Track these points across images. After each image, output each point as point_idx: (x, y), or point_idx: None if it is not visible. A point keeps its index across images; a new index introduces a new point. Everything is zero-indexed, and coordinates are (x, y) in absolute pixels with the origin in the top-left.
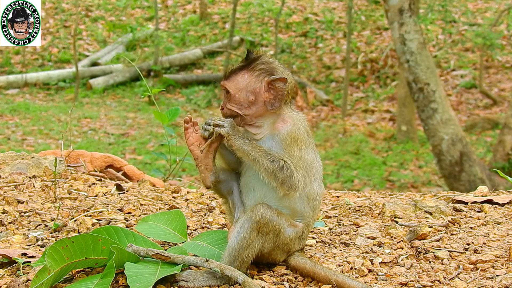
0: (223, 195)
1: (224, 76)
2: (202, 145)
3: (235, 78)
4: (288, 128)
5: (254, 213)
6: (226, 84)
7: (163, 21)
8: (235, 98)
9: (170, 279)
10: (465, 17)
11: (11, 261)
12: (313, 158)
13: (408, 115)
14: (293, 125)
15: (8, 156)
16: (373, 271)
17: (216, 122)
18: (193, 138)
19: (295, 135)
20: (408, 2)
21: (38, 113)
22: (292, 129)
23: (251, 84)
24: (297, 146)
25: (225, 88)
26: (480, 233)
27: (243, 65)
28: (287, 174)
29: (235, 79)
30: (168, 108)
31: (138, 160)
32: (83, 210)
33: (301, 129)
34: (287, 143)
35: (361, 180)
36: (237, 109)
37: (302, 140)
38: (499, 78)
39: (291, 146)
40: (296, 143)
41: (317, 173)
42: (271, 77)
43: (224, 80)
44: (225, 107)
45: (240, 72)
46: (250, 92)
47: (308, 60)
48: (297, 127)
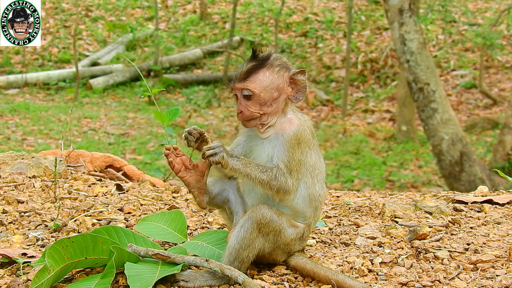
0: (219, 206)
1: (238, 78)
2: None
3: (256, 77)
4: (294, 129)
5: (254, 213)
6: (248, 85)
7: (163, 21)
8: (259, 98)
9: (170, 279)
10: (465, 17)
11: (11, 261)
12: (316, 160)
13: (408, 115)
14: (299, 126)
15: (8, 156)
16: (373, 271)
17: (209, 152)
18: (178, 165)
19: (300, 136)
20: (408, 2)
21: (38, 113)
22: (297, 131)
23: (274, 81)
24: (299, 148)
25: (246, 90)
26: (480, 233)
27: (257, 64)
28: (282, 181)
29: (256, 79)
30: (168, 108)
31: (138, 160)
32: (83, 210)
33: (307, 131)
34: (291, 144)
35: (361, 180)
36: (259, 109)
37: (306, 142)
38: (499, 78)
39: (294, 148)
40: (299, 145)
41: (320, 174)
42: (292, 71)
43: (243, 82)
44: (245, 110)
45: (259, 71)
46: (275, 89)
47: (308, 60)
48: (303, 129)
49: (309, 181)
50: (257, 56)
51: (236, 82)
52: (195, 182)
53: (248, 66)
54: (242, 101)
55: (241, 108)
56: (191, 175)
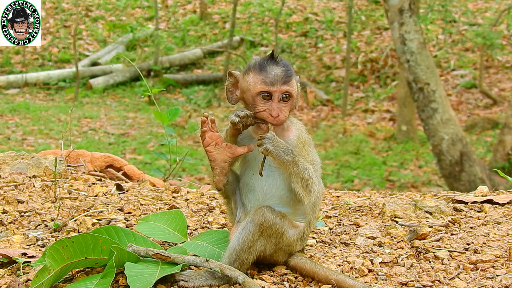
0: (227, 196)
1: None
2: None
3: (292, 81)
4: (296, 134)
5: (257, 216)
6: (289, 89)
7: (163, 21)
8: (293, 102)
9: (170, 279)
10: (465, 17)
11: (11, 261)
12: (314, 156)
13: (408, 115)
14: (297, 129)
15: (8, 156)
16: (373, 271)
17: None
18: (210, 139)
19: (303, 139)
20: (408, 2)
21: (38, 113)
22: (298, 134)
23: (297, 87)
24: (306, 150)
25: (287, 93)
26: (480, 233)
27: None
28: (314, 182)
29: (293, 83)
30: (168, 108)
31: (138, 160)
32: (83, 210)
33: (304, 131)
34: (299, 148)
35: (361, 180)
36: (288, 114)
37: (308, 143)
38: (499, 78)
39: (302, 151)
40: (304, 147)
41: (318, 170)
42: (297, 77)
43: (285, 85)
44: (281, 114)
45: (292, 75)
46: (297, 94)
47: (308, 60)
48: (301, 131)
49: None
50: (277, 60)
51: (279, 84)
52: (220, 161)
53: (282, 69)
54: (278, 105)
55: (278, 112)
56: (219, 152)
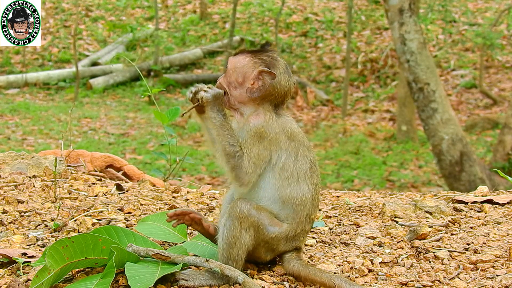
0: None
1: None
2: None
3: (238, 57)
4: (257, 123)
5: (232, 209)
6: (230, 59)
7: (163, 21)
8: (228, 75)
9: (170, 279)
10: (465, 17)
11: (11, 261)
12: (290, 162)
13: (408, 115)
14: (264, 122)
15: (8, 156)
16: (373, 271)
17: (204, 88)
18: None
19: (262, 131)
20: (408, 2)
21: (38, 113)
22: (260, 125)
23: (245, 67)
24: (260, 143)
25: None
26: (480, 233)
27: (252, 50)
28: (238, 162)
29: (237, 58)
30: (168, 108)
31: (138, 160)
32: (83, 210)
33: (274, 129)
34: (250, 136)
35: (361, 180)
36: (226, 85)
37: (269, 140)
38: (499, 78)
39: (253, 141)
40: (259, 140)
41: (291, 177)
42: (264, 67)
43: (231, 56)
44: (218, 80)
45: (244, 54)
46: (241, 74)
47: (308, 60)
48: (269, 125)
49: (277, 183)
50: (263, 47)
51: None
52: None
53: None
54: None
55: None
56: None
